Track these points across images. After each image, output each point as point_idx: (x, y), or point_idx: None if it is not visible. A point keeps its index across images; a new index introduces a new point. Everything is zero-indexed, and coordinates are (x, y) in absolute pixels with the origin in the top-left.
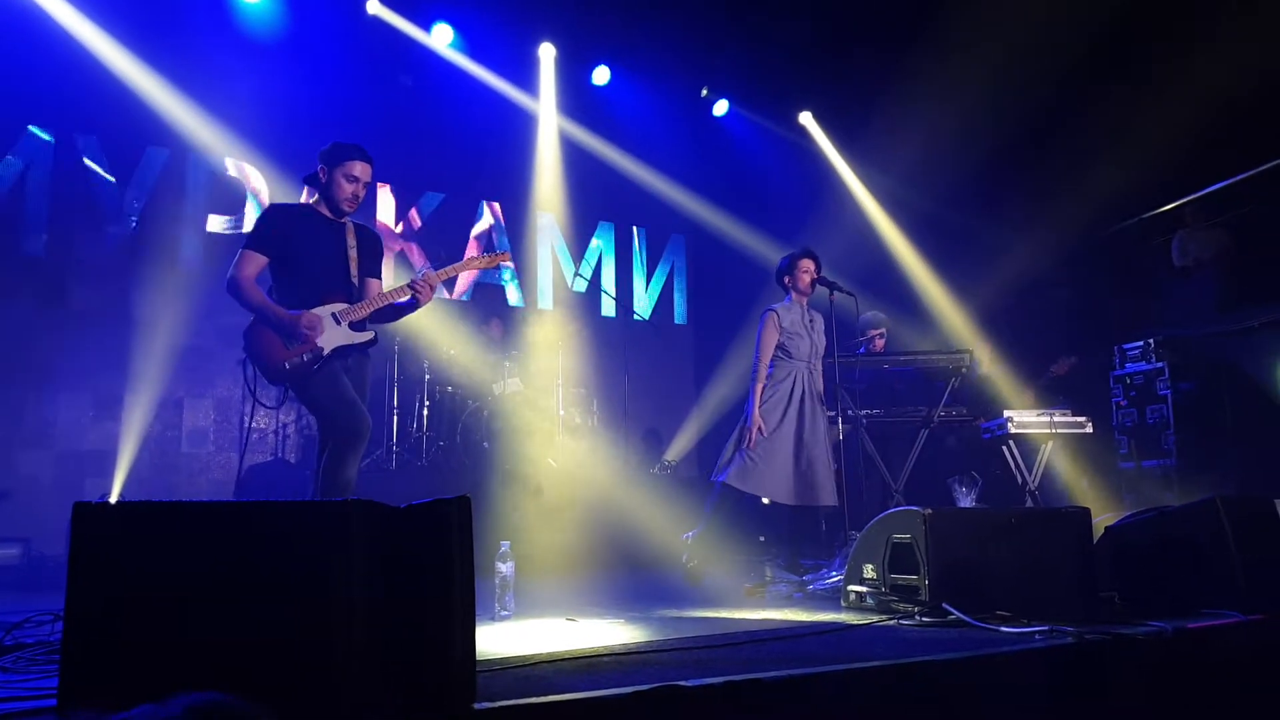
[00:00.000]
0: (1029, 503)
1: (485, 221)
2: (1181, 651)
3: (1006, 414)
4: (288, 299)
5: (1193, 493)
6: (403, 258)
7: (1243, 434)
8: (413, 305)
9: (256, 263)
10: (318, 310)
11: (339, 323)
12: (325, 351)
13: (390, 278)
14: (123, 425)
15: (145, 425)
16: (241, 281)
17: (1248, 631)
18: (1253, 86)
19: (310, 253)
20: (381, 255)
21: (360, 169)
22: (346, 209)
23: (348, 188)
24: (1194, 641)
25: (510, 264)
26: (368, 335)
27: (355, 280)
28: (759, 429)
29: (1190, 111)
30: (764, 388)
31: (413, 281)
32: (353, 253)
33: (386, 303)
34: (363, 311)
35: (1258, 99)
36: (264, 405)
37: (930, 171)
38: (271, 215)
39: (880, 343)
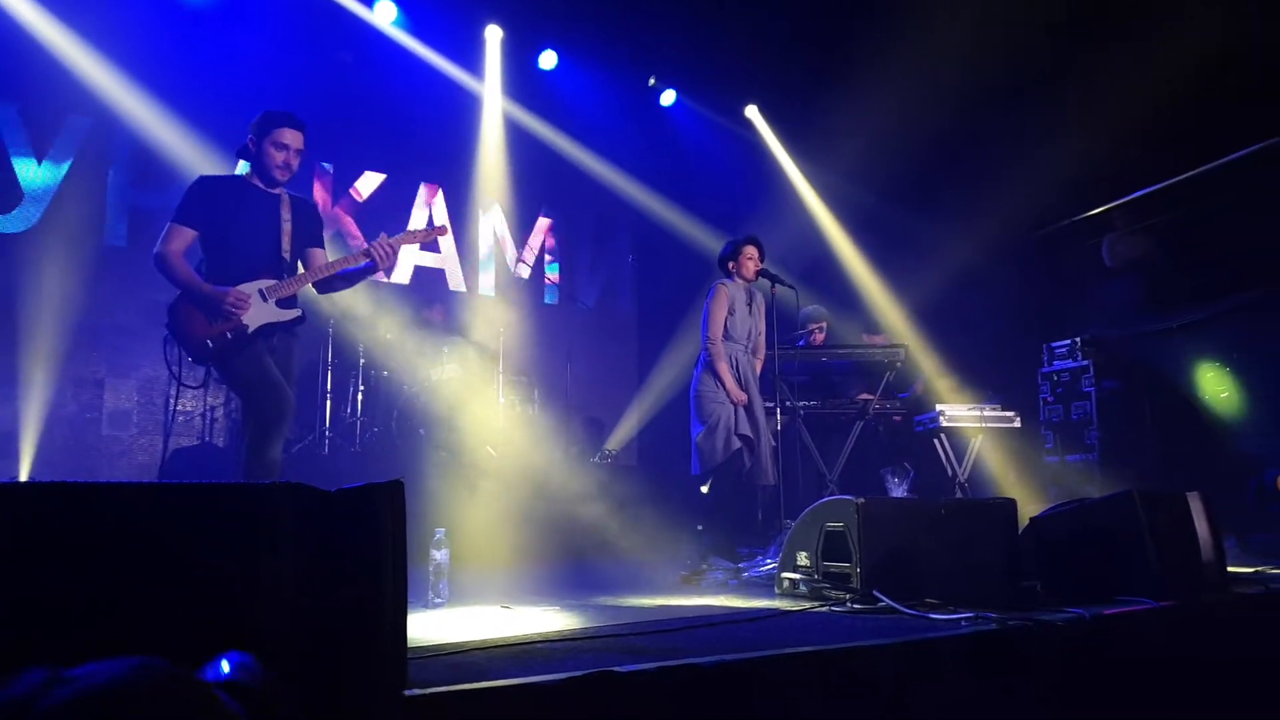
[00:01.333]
0: (958, 494)
1: (425, 204)
2: (1098, 636)
3: (939, 408)
4: (216, 274)
5: (1113, 486)
6: (339, 238)
7: (1161, 431)
8: (370, 269)
9: (184, 237)
10: (244, 286)
11: (266, 299)
12: (250, 329)
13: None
14: (28, 404)
15: (55, 405)
16: (168, 256)
17: (1160, 618)
18: (1182, 95)
19: (240, 226)
20: (321, 226)
21: (290, 136)
22: (278, 177)
23: (277, 155)
24: (1110, 627)
25: (445, 233)
26: (295, 313)
27: (287, 255)
28: (732, 400)
29: (1123, 117)
30: (706, 366)
31: (369, 247)
32: (286, 225)
33: (330, 273)
34: (292, 288)
35: (1187, 107)
36: (186, 386)
37: (871, 168)
38: (200, 187)
39: (820, 336)
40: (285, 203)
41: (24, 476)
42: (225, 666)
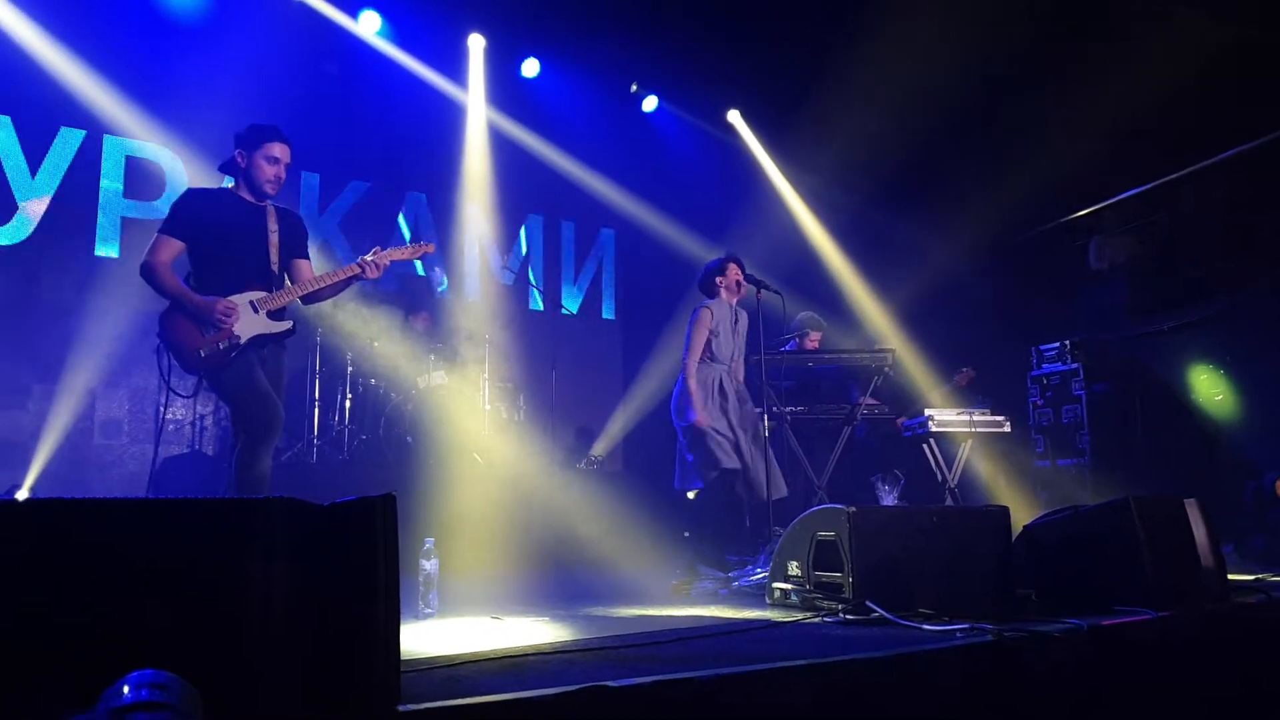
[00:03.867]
0: (948, 500)
1: (410, 211)
2: (1096, 648)
3: (927, 412)
4: (206, 286)
5: (1105, 491)
6: (326, 247)
7: (1152, 434)
8: (355, 280)
9: (172, 248)
10: (235, 297)
11: (257, 311)
12: (242, 340)
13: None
14: (32, 415)
15: (58, 416)
16: (156, 267)
17: (1158, 628)
18: (1168, 97)
19: (229, 238)
20: (306, 238)
21: (280, 149)
22: (269, 191)
23: (269, 169)
24: (1108, 638)
25: (432, 250)
26: (286, 325)
27: (275, 267)
28: (700, 424)
29: (1109, 118)
30: (684, 383)
31: (361, 260)
32: (274, 237)
33: (319, 286)
34: (282, 300)
35: (1171, 109)
36: (178, 395)
37: (855, 172)
38: (188, 200)
39: (814, 345)
40: (272, 214)
41: (27, 488)
42: (125, 690)
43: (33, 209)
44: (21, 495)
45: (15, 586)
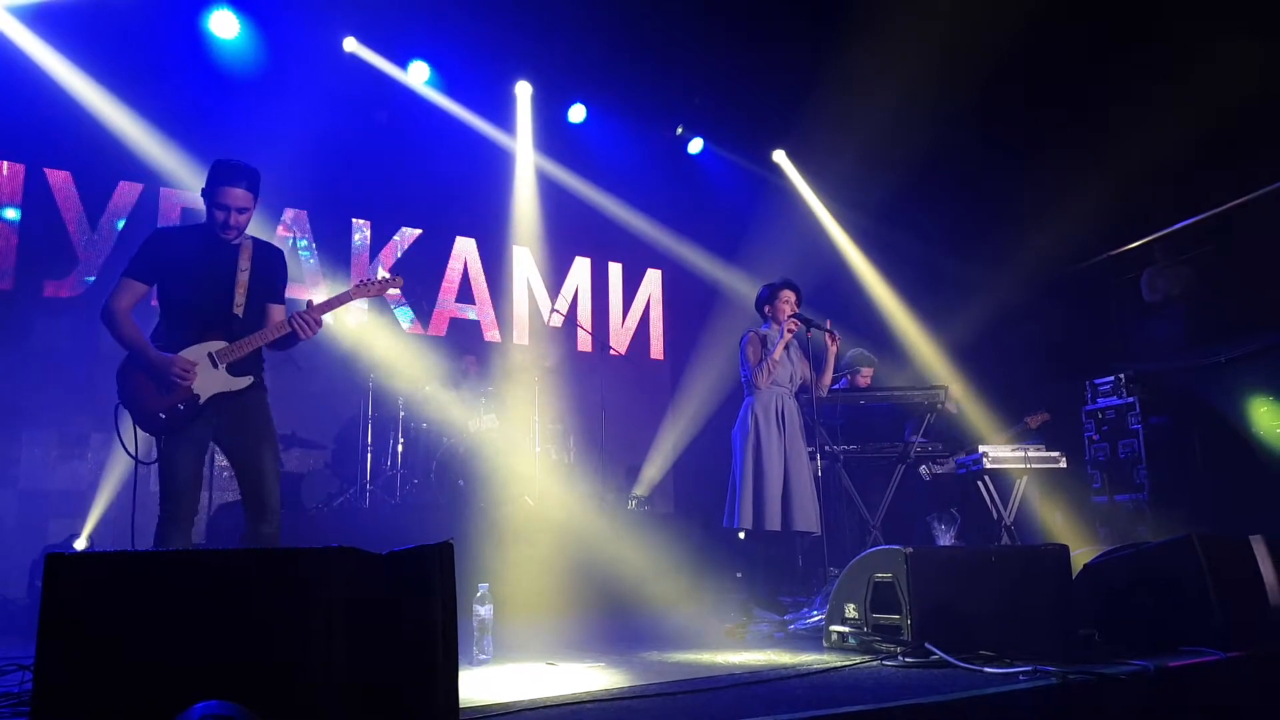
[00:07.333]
0: (1005, 538)
1: (460, 256)
2: (1164, 690)
3: (982, 449)
4: (170, 332)
5: (1165, 526)
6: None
7: (1212, 468)
8: (294, 340)
9: (134, 291)
10: (191, 352)
11: (216, 365)
12: (201, 400)
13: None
14: (90, 465)
15: (116, 464)
16: (115, 312)
17: (1227, 669)
18: (1220, 126)
19: (192, 280)
20: (284, 276)
21: (232, 196)
22: (227, 238)
23: (219, 215)
24: (1176, 680)
25: (398, 289)
26: (246, 381)
27: (239, 311)
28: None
29: (1159, 150)
30: (750, 409)
31: (291, 317)
32: (242, 276)
33: (270, 339)
34: (242, 351)
35: (1225, 138)
36: (139, 461)
37: (903, 208)
38: (154, 240)
39: (865, 382)
40: (245, 251)
41: (86, 535)
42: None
43: None
44: (80, 544)
45: (95, 628)
